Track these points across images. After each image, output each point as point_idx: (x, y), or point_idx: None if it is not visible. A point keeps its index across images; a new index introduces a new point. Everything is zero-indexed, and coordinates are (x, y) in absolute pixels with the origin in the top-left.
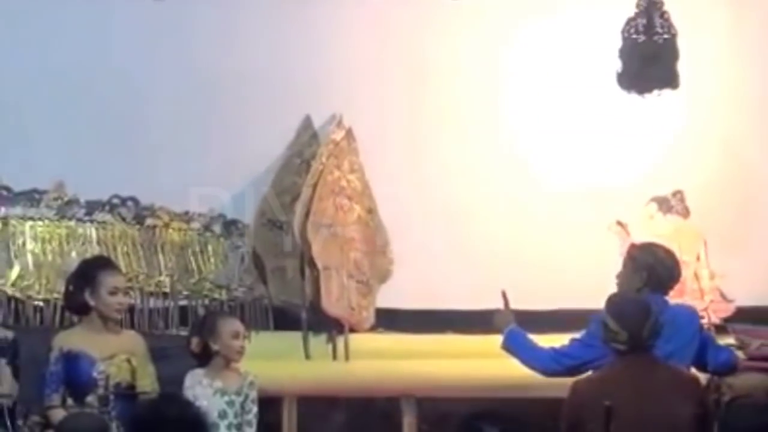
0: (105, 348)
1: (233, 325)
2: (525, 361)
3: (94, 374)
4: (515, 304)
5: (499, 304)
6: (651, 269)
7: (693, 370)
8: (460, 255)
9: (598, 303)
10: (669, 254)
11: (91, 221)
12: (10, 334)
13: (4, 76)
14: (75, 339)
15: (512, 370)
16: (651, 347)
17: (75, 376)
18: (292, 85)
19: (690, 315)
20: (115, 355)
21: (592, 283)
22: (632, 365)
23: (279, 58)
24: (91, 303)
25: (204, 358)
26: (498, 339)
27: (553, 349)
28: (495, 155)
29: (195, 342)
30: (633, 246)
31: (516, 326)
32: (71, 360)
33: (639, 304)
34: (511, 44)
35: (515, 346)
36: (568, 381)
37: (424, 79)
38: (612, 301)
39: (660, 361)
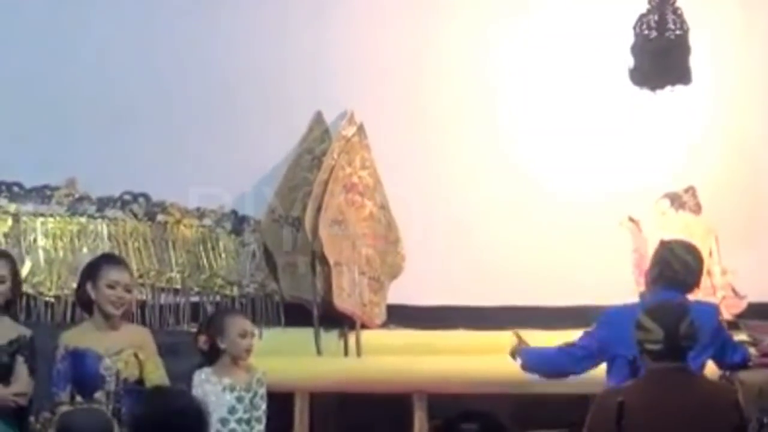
0: (111, 344)
1: (241, 323)
2: (545, 374)
3: (101, 371)
4: (527, 301)
5: (508, 301)
6: (665, 264)
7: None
8: (471, 251)
9: (610, 299)
10: (690, 249)
11: (103, 217)
12: (28, 333)
13: (11, 75)
14: (80, 336)
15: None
16: (686, 351)
17: (82, 374)
18: (302, 81)
19: (709, 313)
20: (122, 350)
21: (604, 279)
22: (666, 378)
23: (290, 54)
24: (92, 296)
25: (212, 355)
26: (508, 336)
27: (561, 348)
28: (506, 152)
29: (203, 340)
30: (660, 241)
31: (525, 348)
32: (77, 357)
33: (675, 304)
34: (523, 42)
35: (531, 360)
36: (587, 378)
37: (434, 76)
38: (648, 303)
39: (696, 375)
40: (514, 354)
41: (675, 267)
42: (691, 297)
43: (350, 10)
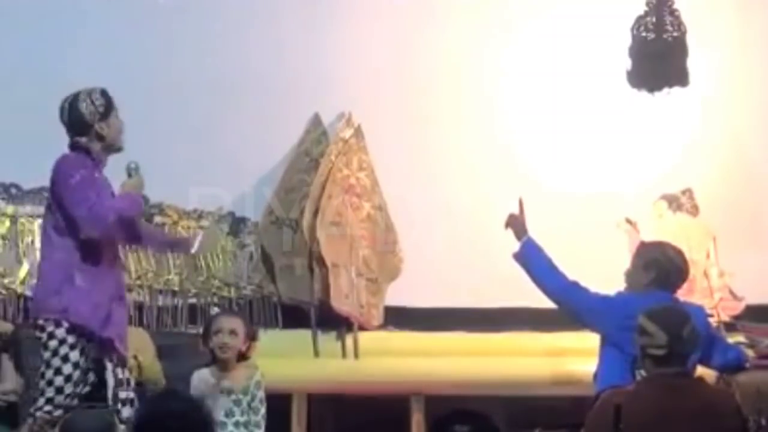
0: None
1: (221, 322)
2: (534, 277)
3: None
4: (524, 303)
5: (506, 302)
6: (659, 266)
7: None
8: (468, 253)
9: None
10: (678, 252)
11: None
12: (9, 327)
13: (8, 76)
14: None
15: (520, 369)
16: (688, 356)
17: None
18: (300, 83)
19: (697, 314)
20: None
21: (601, 280)
22: (667, 383)
23: (288, 56)
24: None
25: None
26: (511, 336)
27: (572, 282)
28: (504, 153)
29: (200, 342)
30: (642, 243)
31: (531, 238)
32: None
33: (676, 308)
34: (521, 43)
35: (529, 260)
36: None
37: (432, 78)
38: (648, 307)
39: (697, 380)
40: (517, 233)
41: (670, 270)
42: (681, 298)
43: (348, 13)
